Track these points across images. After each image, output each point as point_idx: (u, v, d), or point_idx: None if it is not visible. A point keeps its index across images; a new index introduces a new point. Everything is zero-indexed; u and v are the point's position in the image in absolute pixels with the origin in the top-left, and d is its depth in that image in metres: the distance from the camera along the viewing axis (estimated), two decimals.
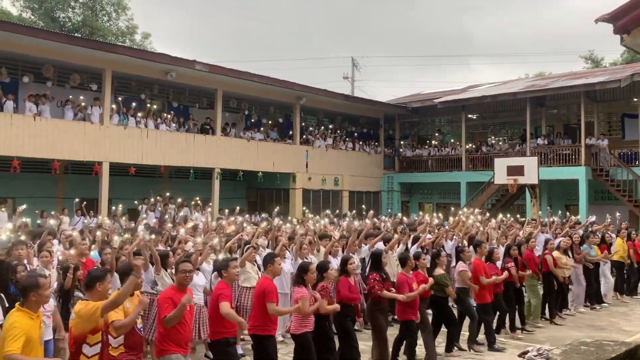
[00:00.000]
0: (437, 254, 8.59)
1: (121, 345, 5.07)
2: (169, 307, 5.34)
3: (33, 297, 4.36)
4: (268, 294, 6.10)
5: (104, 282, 4.91)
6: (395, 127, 30.48)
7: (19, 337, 4.13)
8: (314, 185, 24.68)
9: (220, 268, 6.33)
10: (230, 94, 22.61)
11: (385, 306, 7.41)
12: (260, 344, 6.18)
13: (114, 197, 18.38)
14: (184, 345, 5.51)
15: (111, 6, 34.86)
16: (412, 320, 7.49)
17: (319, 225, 13.49)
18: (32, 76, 18.13)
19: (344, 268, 7.30)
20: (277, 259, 6.55)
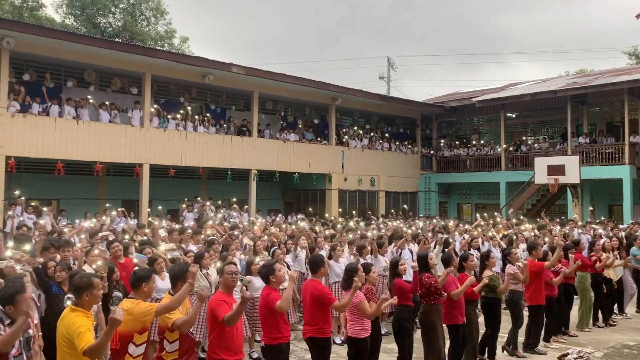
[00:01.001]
0: (486, 255, 8.42)
1: (176, 351, 5.09)
2: (226, 308, 5.17)
3: (86, 297, 4.42)
4: (325, 297, 5.96)
5: (150, 282, 4.98)
6: (432, 126, 30.17)
7: (86, 332, 4.17)
8: (350, 186, 24.66)
9: (268, 274, 5.86)
10: (267, 95, 22.79)
11: (439, 308, 7.23)
12: (318, 346, 6.05)
13: (154, 198, 18.76)
14: (237, 351, 5.33)
15: (150, 11, 35.56)
16: (458, 325, 7.32)
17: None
18: (75, 81, 18.65)
19: (396, 270, 7.20)
20: (326, 261, 6.42)
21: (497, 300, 8.15)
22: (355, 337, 6.27)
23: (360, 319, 6.21)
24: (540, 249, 9.05)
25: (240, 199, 20.07)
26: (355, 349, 6.30)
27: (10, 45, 15.48)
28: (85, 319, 4.33)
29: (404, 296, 6.94)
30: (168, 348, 5.08)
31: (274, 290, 5.77)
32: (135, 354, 4.75)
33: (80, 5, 32.98)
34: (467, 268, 7.71)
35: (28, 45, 16.07)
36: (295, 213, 21.84)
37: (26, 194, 15.71)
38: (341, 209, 23.06)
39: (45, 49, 16.57)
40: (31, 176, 17.79)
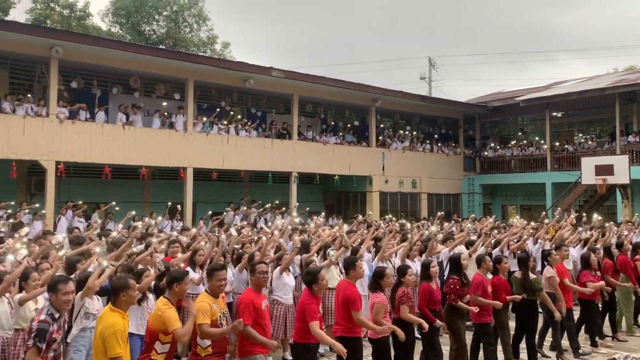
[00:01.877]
0: (526, 257, 8.23)
1: (209, 347, 5.18)
2: (250, 315, 5.35)
3: (123, 297, 4.62)
4: (352, 302, 5.98)
5: (182, 283, 5.09)
6: (475, 127, 29.68)
7: (120, 339, 4.42)
8: (391, 188, 24.48)
9: (311, 282, 5.87)
10: (306, 98, 22.89)
11: (462, 311, 7.21)
12: (346, 345, 6.04)
13: (198, 201, 19.08)
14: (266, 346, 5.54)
15: (193, 18, 36.23)
16: (487, 323, 7.31)
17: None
18: (120, 88, 19.18)
19: (426, 273, 7.12)
20: (358, 263, 6.41)
21: (535, 305, 7.98)
22: (372, 338, 6.36)
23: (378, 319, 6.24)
24: (565, 250, 8.96)
25: (281, 201, 20.21)
26: (373, 349, 6.39)
27: (59, 54, 16.04)
28: (122, 320, 4.54)
29: (429, 300, 6.91)
30: (202, 344, 5.18)
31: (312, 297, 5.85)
32: (160, 350, 4.90)
33: (125, 13, 33.89)
34: (500, 270, 7.63)
35: (76, 54, 16.61)
36: (336, 215, 21.85)
37: (74, 198, 16.24)
38: (382, 211, 22.91)
39: (92, 57, 17.10)
40: (80, 180, 18.35)
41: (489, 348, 7.30)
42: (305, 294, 5.91)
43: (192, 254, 8.12)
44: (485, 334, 7.34)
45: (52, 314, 4.40)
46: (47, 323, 4.31)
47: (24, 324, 5.71)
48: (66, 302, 4.54)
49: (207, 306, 5.17)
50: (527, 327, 7.91)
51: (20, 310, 5.80)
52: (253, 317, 5.37)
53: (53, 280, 4.56)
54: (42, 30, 17.86)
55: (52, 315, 4.38)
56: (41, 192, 16.49)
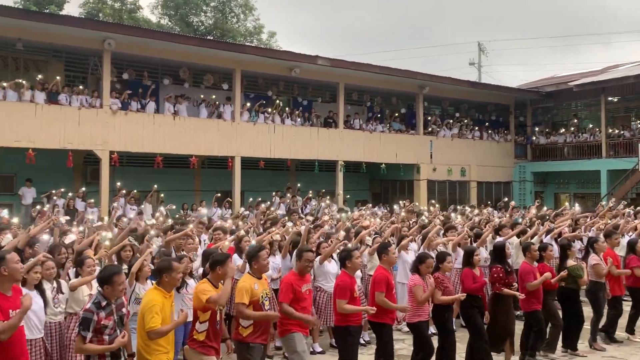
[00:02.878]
0: (567, 244, 8.09)
1: (250, 326, 5.35)
2: (288, 295, 5.59)
3: (165, 278, 4.85)
4: (377, 283, 6.23)
5: (224, 266, 5.21)
6: (527, 113, 28.89)
7: (158, 314, 4.62)
8: (440, 176, 24.16)
9: (345, 258, 6.28)
10: (352, 86, 22.79)
11: (508, 298, 7.12)
12: (376, 330, 6.38)
13: (246, 190, 19.36)
14: (305, 326, 5.74)
15: (239, 8, 36.55)
16: (537, 310, 7.29)
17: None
18: (170, 79, 19.59)
19: (469, 260, 7.12)
20: (390, 249, 6.61)
21: (575, 291, 7.86)
22: (408, 322, 6.57)
23: (415, 303, 6.40)
24: (616, 238, 8.83)
25: (328, 190, 20.27)
26: (413, 334, 6.57)
27: (111, 46, 16.51)
28: (163, 299, 4.76)
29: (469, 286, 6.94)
30: (243, 323, 5.36)
31: (348, 276, 6.11)
32: (200, 329, 5.07)
33: (174, 5, 34.50)
34: (545, 258, 7.64)
35: (127, 46, 17.06)
36: (383, 204, 21.74)
37: (128, 186, 16.75)
38: (430, 199, 22.65)
39: (143, 49, 17.52)
40: (133, 169, 18.90)
41: (539, 335, 7.30)
42: (340, 274, 6.28)
43: (238, 240, 8.25)
44: (535, 321, 7.30)
45: (98, 302, 4.51)
46: (90, 312, 4.42)
47: (77, 307, 5.90)
48: (120, 292, 4.68)
49: (247, 286, 5.34)
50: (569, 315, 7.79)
51: (74, 294, 6.00)
52: (291, 297, 5.57)
53: (108, 272, 4.66)
54: (94, 23, 18.43)
55: (98, 304, 4.49)
56: (96, 181, 17.09)
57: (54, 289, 5.98)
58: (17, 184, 16.99)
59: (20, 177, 16.76)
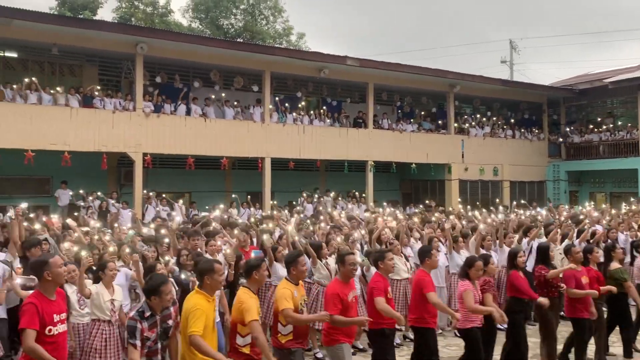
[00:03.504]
0: (612, 246, 7.83)
1: (290, 333, 5.21)
2: (336, 306, 5.36)
3: (208, 280, 4.66)
4: (426, 285, 6.09)
5: (260, 270, 5.08)
6: (560, 111, 28.29)
7: (201, 318, 4.44)
8: (471, 176, 23.85)
9: (377, 259, 6.21)
10: (382, 86, 22.68)
11: (554, 301, 6.93)
12: (420, 336, 6.21)
13: (276, 190, 19.43)
14: (352, 335, 5.61)
15: (269, 10, 36.74)
16: (582, 319, 6.98)
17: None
18: (201, 81, 19.81)
19: (514, 262, 6.98)
20: (433, 252, 6.48)
21: (623, 297, 7.53)
22: (461, 328, 6.37)
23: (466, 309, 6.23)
24: None
25: (358, 190, 20.21)
26: (464, 340, 6.39)
27: (144, 50, 16.78)
28: (206, 303, 4.58)
29: (517, 290, 6.77)
30: (282, 330, 5.22)
31: (382, 277, 6.01)
32: (242, 344, 4.85)
33: (204, 9, 34.88)
34: (591, 260, 7.36)
35: (159, 50, 17.31)
36: (414, 204, 21.57)
37: (160, 188, 17.00)
38: (462, 199, 22.39)
39: (174, 52, 17.76)
40: (165, 171, 19.16)
41: (581, 344, 7.05)
42: (373, 275, 6.20)
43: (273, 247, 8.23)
44: (579, 329, 7.05)
45: (142, 311, 4.47)
46: (134, 320, 4.40)
47: (99, 314, 5.82)
48: (167, 302, 4.60)
49: (288, 292, 5.19)
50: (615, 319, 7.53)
51: (94, 300, 5.88)
52: (340, 307, 5.37)
53: (155, 282, 4.59)
54: (127, 28, 18.79)
55: (142, 313, 4.45)
56: (130, 183, 17.38)
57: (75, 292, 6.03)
58: (53, 186, 17.41)
59: (56, 180, 17.16)
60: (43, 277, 4.37)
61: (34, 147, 15.09)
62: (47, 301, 4.31)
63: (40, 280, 4.41)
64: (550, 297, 6.95)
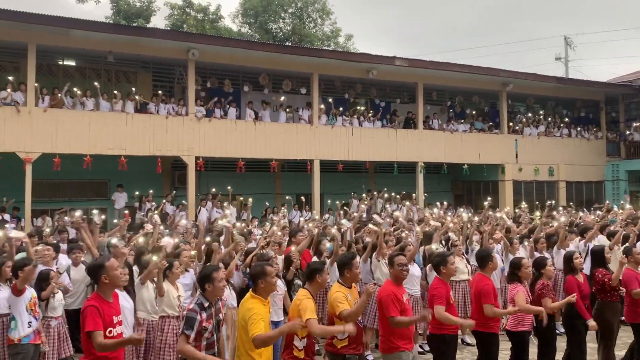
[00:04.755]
0: None
1: (346, 338, 5.14)
2: (395, 307, 5.27)
3: (261, 284, 4.69)
4: (485, 295, 5.87)
5: (323, 274, 5.09)
6: (619, 108, 27.19)
7: (259, 321, 4.48)
8: (526, 177, 23.21)
9: (439, 264, 5.91)
10: (431, 86, 22.37)
11: (616, 305, 6.65)
12: (482, 341, 6.07)
13: (325, 192, 19.45)
14: (411, 340, 5.44)
15: (316, 13, 36.88)
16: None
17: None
18: (250, 85, 20.05)
19: (570, 265, 6.74)
20: (494, 256, 6.31)
21: None
22: (511, 330, 6.19)
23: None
24: None
25: (408, 192, 19.98)
26: (511, 342, 6.23)
27: (195, 56, 17.12)
28: (262, 307, 4.61)
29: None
30: (339, 335, 5.12)
31: (443, 282, 5.82)
32: (300, 346, 4.88)
33: (253, 14, 35.34)
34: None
35: (210, 55, 17.63)
36: (466, 206, 21.16)
37: (213, 190, 17.30)
38: (516, 201, 21.81)
39: (224, 57, 18.05)
40: (217, 174, 19.48)
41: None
42: (434, 280, 5.96)
43: (317, 243, 8.26)
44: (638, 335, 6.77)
45: (201, 303, 4.55)
46: (194, 312, 4.46)
47: (169, 310, 6.04)
48: (221, 290, 4.69)
49: (341, 296, 5.15)
50: None
51: (164, 298, 6.11)
52: (398, 308, 5.27)
53: (208, 270, 4.69)
54: (179, 34, 19.24)
55: (201, 305, 4.53)
56: (183, 186, 17.75)
57: (155, 289, 6.23)
58: (111, 189, 17.98)
59: (113, 183, 17.71)
60: (100, 281, 4.49)
61: (92, 152, 15.64)
62: (105, 303, 4.43)
63: (97, 283, 4.54)
64: (611, 301, 6.70)
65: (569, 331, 6.66)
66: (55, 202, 16.89)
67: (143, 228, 9.20)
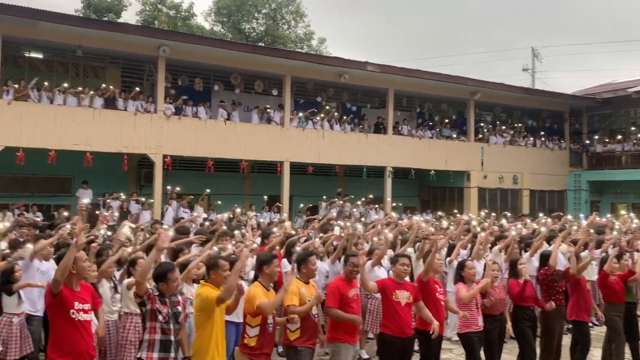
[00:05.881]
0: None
1: (298, 330, 5.34)
2: (334, 299, 5.58)
3: (212, 274, 5.05)
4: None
5: (271, 265, 5.29)
6: (582, 120, 27.97)
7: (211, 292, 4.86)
8: (491, 184, 23.65)
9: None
10: (402, 92, 22.62)
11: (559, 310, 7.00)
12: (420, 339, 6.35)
13: (294, 195, 19.47)
14: (354, 335, 5.72)
15: (290, 14, 36.90)
16: (583, 322, 7.07)
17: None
18: (222, 85, 19.93)
19: (514, 270, 6.99)
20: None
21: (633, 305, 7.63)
22: (458, 332, 6.54)
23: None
24: None
25: (376, 196, 20.15)
26: (462, 345, 6.48)
27: (166, 53, 16.95)
28: (212, 290, 4.91)
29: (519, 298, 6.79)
30: (291, 327, 5.35)
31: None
32: (251, 334, 5.07)
33: (226, 12, 35.15)
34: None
35: (181, 53, 17.47)
36: (432, 211, 21.44)
37: (180, 190, 17.11)
38: (481, 207, 22.21)
39: (196, 55, 17.90)
40: (185, 173, 19.30)
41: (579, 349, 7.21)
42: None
43: (289, 245, 8.27)
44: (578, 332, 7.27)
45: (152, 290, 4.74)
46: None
47: (132, 307, 5.95)
48: (175, 288, 4.79)
49: (294, 289, 5.34)
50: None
51: (129, 293, 6.00)
52: (338, 301, 5.57)
53: (162, 269, 4.77)
54: (150, 30, 18.99)
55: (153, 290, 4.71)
56: (150, 184, 17.54)
57: (112, 287, 6.15)
58: (75, 185, 17.63)
59: (78, 180, 17.37)
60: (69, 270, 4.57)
61: (57, 147, 15.31)
62: (70, 290, 4.54)
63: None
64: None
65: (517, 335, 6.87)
66: (17, 197, 16.45)
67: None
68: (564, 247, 9.53)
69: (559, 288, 6.90)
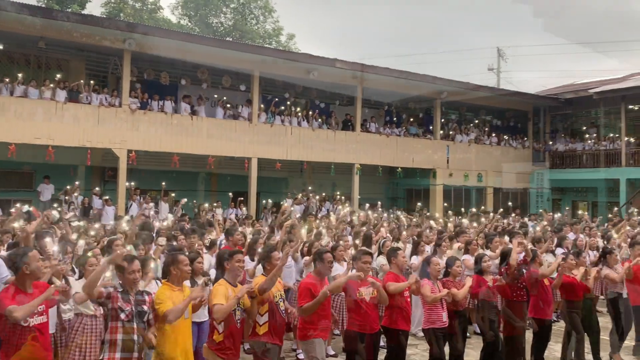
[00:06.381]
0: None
1: (266, 324, 5.38)
2: (306, 297, 5.56)
3: (173, 270, 4.94)
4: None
5: (231, 261, 5.29)
6: (545, 120, 28.60)
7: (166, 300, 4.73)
8: (456, 182, 24.00)
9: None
10: (370, 90, 22.72)
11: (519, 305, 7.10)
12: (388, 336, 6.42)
13: (262, 191, 19.39)
14: (326, 331, 5.74)
15: (259, 10, 36.70)
16: (542, 319, 7.20)
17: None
18: (188, 79, 19.69)
19: (479, 266, 7.12)
20: (400, 252, 6.58)
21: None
22: (422, 327, 6.63)
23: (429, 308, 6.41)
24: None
25: (344, 192, 20.24)
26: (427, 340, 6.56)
27: (132, 46, 16.65)
28: (171, 292, 4.82)
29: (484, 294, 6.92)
30: (260, 321, 5.41)
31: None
32: (220, 330, 5.07)
33: (194, 6, 34.77)
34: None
35: (147, 46, 17.17)
36: (397, 208, 21.66)
37: (145, 185, 16.87)
38: (446, 205, 22.53)
39: (162, 49, 17.59)
40: (150, 169, 19.01)
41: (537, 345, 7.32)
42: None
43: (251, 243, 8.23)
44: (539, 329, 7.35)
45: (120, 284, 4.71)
46: (111, 287, 4.66)
47: (83, 308, 5.68)
48: (133, 281, 4.72)
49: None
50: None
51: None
52: (309, 300, 5.55)
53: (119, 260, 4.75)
54: (115, 23, 18.60)
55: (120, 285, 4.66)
56: (114, 180, 17.23)
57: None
58: (36, 180, 17.20)
59: (39, 174, 16.96)
60: (21, 270, 4.42)
61: (17, 141, 14.91)
62: (23, 294, 4.34)
63: (17, 272, 4.46)
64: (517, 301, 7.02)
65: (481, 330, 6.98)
66: None
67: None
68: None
69: (519, 284, 7.03)
